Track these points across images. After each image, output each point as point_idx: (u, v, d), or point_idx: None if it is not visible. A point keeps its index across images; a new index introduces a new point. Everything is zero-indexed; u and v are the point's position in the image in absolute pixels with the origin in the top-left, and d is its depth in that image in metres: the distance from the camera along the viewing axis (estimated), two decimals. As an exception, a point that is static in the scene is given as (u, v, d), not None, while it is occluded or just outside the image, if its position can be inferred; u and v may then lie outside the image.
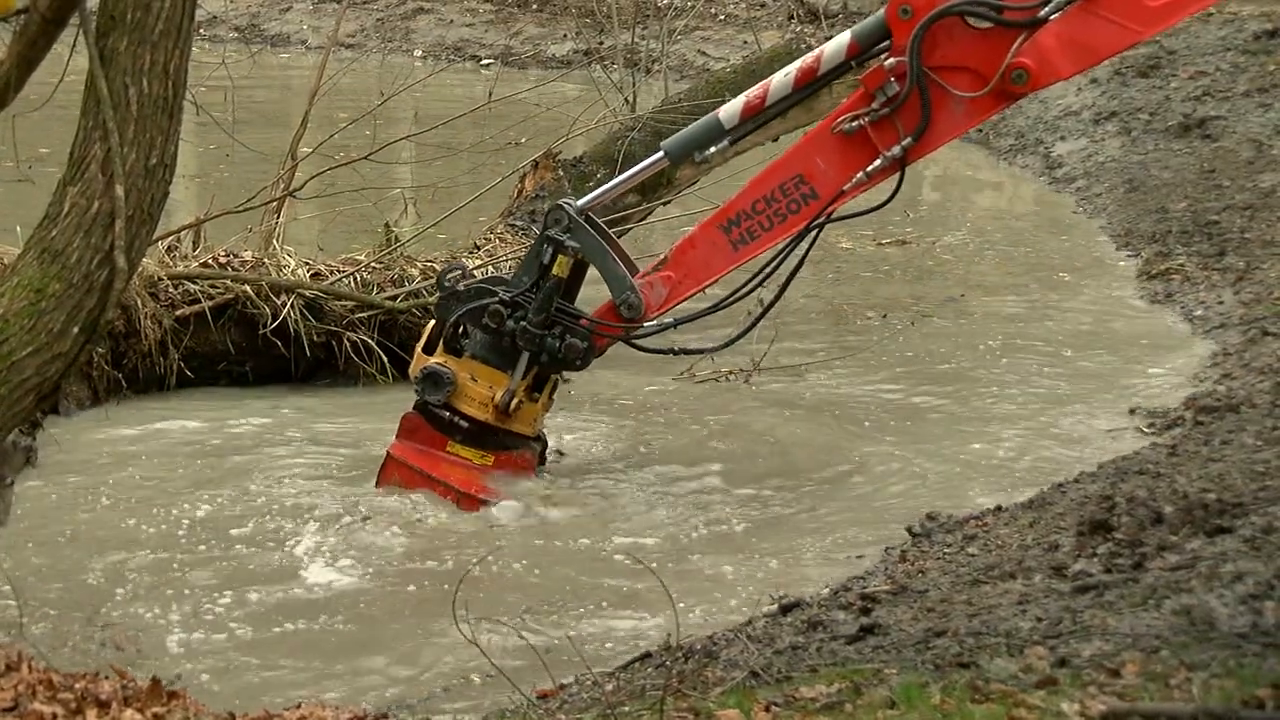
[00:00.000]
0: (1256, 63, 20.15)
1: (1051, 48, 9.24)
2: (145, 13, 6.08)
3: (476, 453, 10.14)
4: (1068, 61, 9.36)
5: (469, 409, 10.11)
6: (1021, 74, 9.22)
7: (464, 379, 10.11)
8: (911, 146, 9.51)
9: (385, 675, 7.83)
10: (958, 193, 19.87)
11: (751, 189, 9.85)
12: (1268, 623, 5.98)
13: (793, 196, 9.75)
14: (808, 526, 9.75)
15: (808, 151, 9.80)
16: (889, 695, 5.63)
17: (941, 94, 9.43)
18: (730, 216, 9.90)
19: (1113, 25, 9.18)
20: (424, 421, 10.22)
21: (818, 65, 9.71)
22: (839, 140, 9.62)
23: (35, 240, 6.12)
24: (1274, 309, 12.76)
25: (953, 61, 9.38)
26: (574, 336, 9.98)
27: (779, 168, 9.86)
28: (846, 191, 9.69)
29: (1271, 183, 16.02)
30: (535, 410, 10.26)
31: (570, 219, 10.03)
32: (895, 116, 9.46)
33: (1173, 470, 9.16)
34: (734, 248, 9.91)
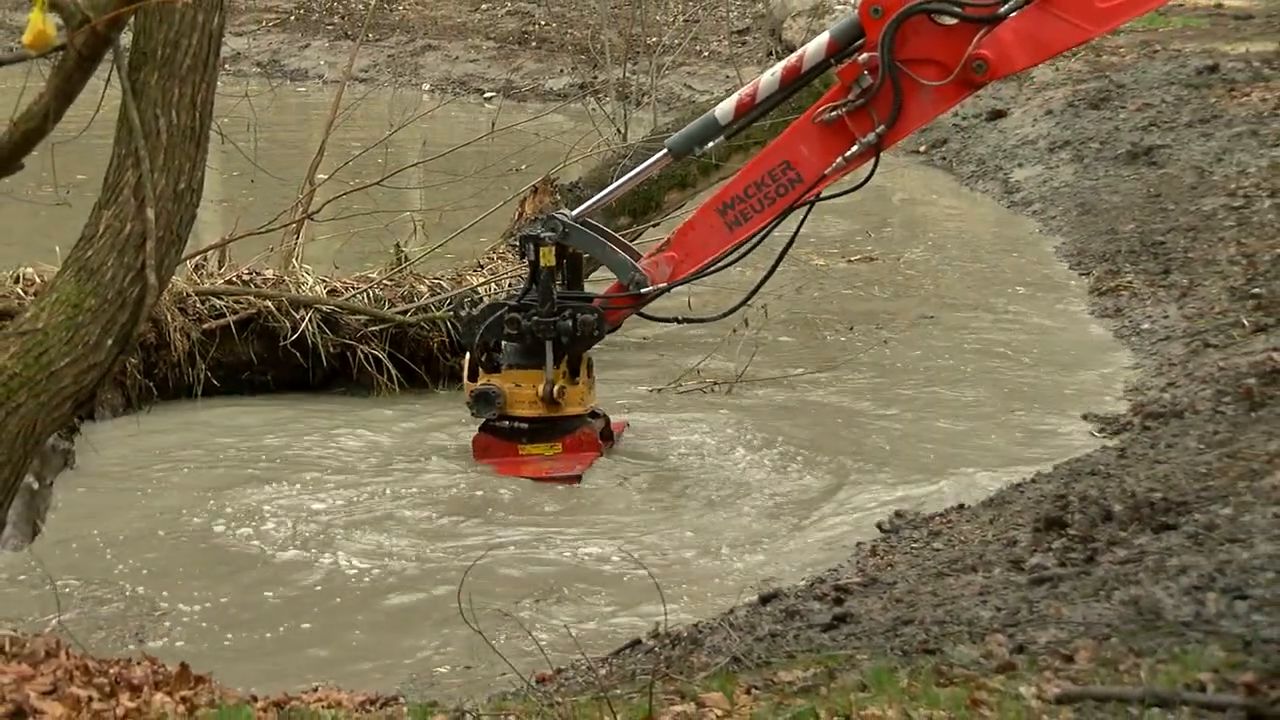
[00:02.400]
0: (1198, 96, 20.16)
1: (1009, 42, 9.41)
2: (174, 49, 6.07)
3: (545, 446, 10.50)
4: (1023, 55, 9.57)
5: (523, 411, 10.44)
6: (981, 65, 9.43)
7: (509, 389, 10.43)
8: (885, 133, 9.78)
9: (396, 662, 7.83)
10: (923, 214, 19.87)
11: (743, 176, 10.15)
12: (1209, 612, 5.97)
13: (780, 181, 10.00)
14: (785, 523, 9.75)
15: (792, 140, 10.02)
16: (860, 679, 5.63)
17: (911, 84, 9.65)
18: (725, 201, 10.18)
19: (1065, 23, 9.33)
20: (491, 438, 10.55)
21: (800, 64, 9.99)
22: (820, 129, 9.84)
23: (73, 259, 6.10)
24: (1215, 323, 12.76)
25: (920, 55, 9.59)
26: (583, 314, 10.29)
27: (767, 156, 10.13)
28: (828, 175, 9.97)
29: (1212, 206, 16.01)
30: (580, 390, 10.55)
31: (563, 224, 10.32)
32: (870, 106, 9.72)
33: (1122, 471, 9.16)
34: (729, 229, 10.18)
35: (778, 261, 10.70)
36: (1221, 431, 9.64)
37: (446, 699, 6.84)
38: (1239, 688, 5.10)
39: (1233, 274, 13.79)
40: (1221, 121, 18.87)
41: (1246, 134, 18.14)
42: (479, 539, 9.34)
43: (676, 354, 11.77)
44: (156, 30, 6.08)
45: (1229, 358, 11.65)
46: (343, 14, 32.34)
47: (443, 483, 10.26)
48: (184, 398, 11.64)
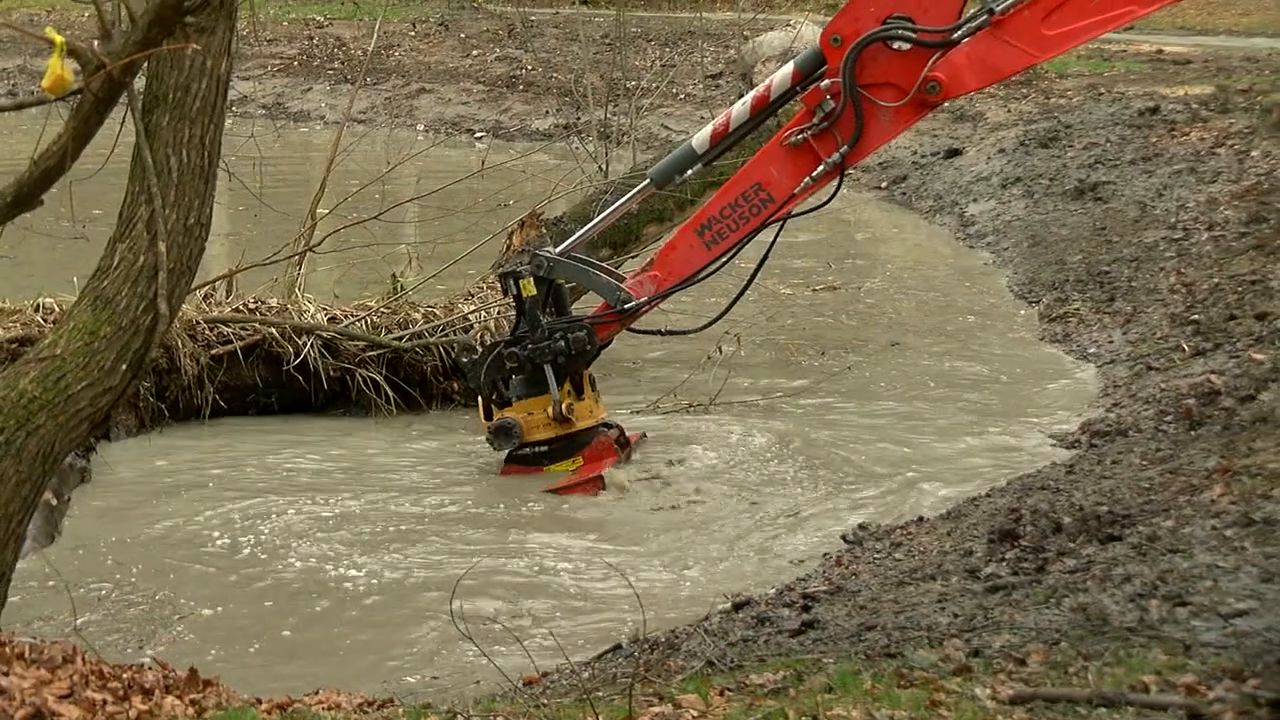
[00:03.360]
0: (1140, 135, 20.22)
1: (962, 65, 9.51)
2: (184, 93, 6.07)
3: (567, 463, 10.61)
4: (974, 77, 9.67)
5: (540, 435, 10.57)
6: (935, 86, 9.56)
7: (523, 418, 10.56)
8: (849, 152, 9.91)
9: (392, 666, 7.81)
10: (883, 247, 19.89)
11: (719, 198, 10.25)
12: (1152, 618, 5.98)
13: (753, 201, 10.13)
14: (758, 535, 9.74)
15: (763, 163, 10.14)
16: (827, 681, 5.63)
17: (871, 107, 9.77)
18: (703, 222, 10.31)
19: (1014, 48, 9.42)
20: (518, 467, 10.65)
21: (769, 93, 10.12)
22: (788, 151, 9.98)
23: (89, 289, 6.09)
24: (1156, 347, 12.78)
25: (879, 79, 9.72)
26: (574, 333, 10.42)
27: (740, 179, 10.24)
28: (797, 194, 10.10)
29: (1154, 238, 16.05)
30: (588, 405, 10.67)
31: (547, 259, 10.49)
32: (833, 128, 9.85)
33: (1070, 486, 9.17)
34: (707, 248, 10.31)
35: (751, 278, 10.87)
36: (1163, 449, 9.65)
37: (439, 701, 6.83)
38: (1180, 689, 5.11)
39: (1173, 302, 13.82)
40: (1162, 159, 18.93)
41: (1185, 171, 18.20)
42: (471, 550, 9.33)
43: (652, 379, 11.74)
44: (168, 75, 6.08)
45: (1170, 380, 11.67)
46: (342, 60, 32.34)
47: (437, 498, 10.24)
48: (194, 419, 11.63)
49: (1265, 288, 13.21)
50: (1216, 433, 9.67)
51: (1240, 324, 12.47)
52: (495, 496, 10.32)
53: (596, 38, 27.54)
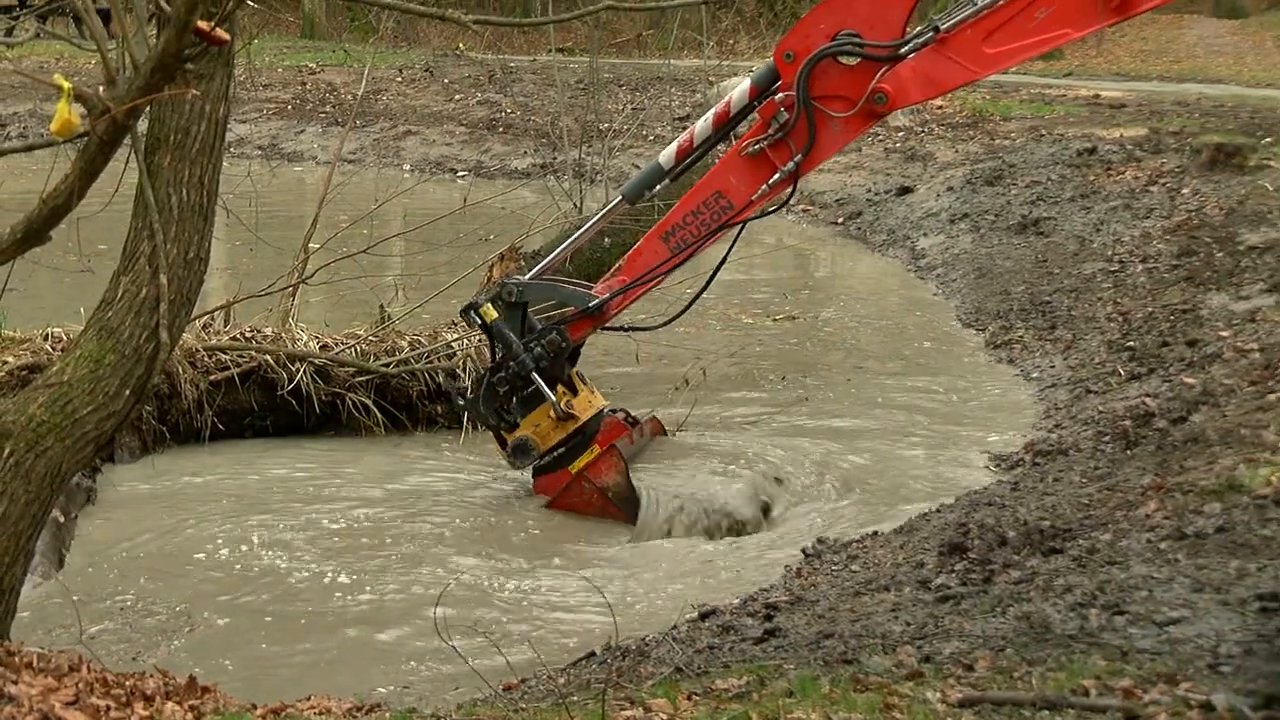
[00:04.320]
0: (1079, 174, 20.28)
1: (907, 78, 9.56)
2: (184, 135, 6.07)
3: (587, 455, 10.45)
4: (918, 90, 9.73)
5: (553, 440, 10.50)
6: (882, 97, 9.60)
7: (533, 432, 10.46)
8: (802, 161, 9.92)
9: (378, 673, 7.79)
10: (840, 278, 19.92)
11: (681, 206, 10.26)
12: (1092, 626, 5.99)
13: (714, 208, 10.15)
14: (723, 548, 9.74)
15: (722, 172, 10.17)
16: (788, 686, 5.62)
17: (823, 117, 9.78)
18: (667, 229, 10.30)
19: (956, 65, 9.47)
20: (546, 476, 10.60)
21: (729, 109, 10.21)
22: (745, 161, 10.00)
23: (94, 320, 6.08)
24: (1095, 372, 12.81)
25: (829, 91, 9.74)
26: (546, 337, 10.40)
27: (701, 188, 10.25)
28: (755, 201, 10.11)
29: (1092, 270, 16.10)
30: (584, 397, 10.63)
31: (516, 285, 10.51)
32: (788, 138, 9.86)
33: (1015, 502, 9.18)
34: (671, 253, 10.27)
35: (710, 280, 10.92)
36: (1101, 467, 9.67)
37: (424, 705, 6.82)
38: (1117, 692, 5.11)
39: (1110, 329, 13.86)
40: (1099, 197, 18.98)
41: (1121, 207, 18.25)
42: (455, 563, 9.32)
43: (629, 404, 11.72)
44: (169, 118, 6.08)
45: (1107, 402, 11.70)
46: (334, 104, 32.29)
47: (423, 513, 10.22)
48: (193, 441, 11.58)
49: (1195, 316, 13.25)
50: (1151, 452, 9.69)
51: (1172, 350, 12.51)
52: (478, 512, 10.31)
53: (571, 83, 27.52)
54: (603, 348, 11.30)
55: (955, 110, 27.01)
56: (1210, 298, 13.70)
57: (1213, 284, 14.10)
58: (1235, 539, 7.04)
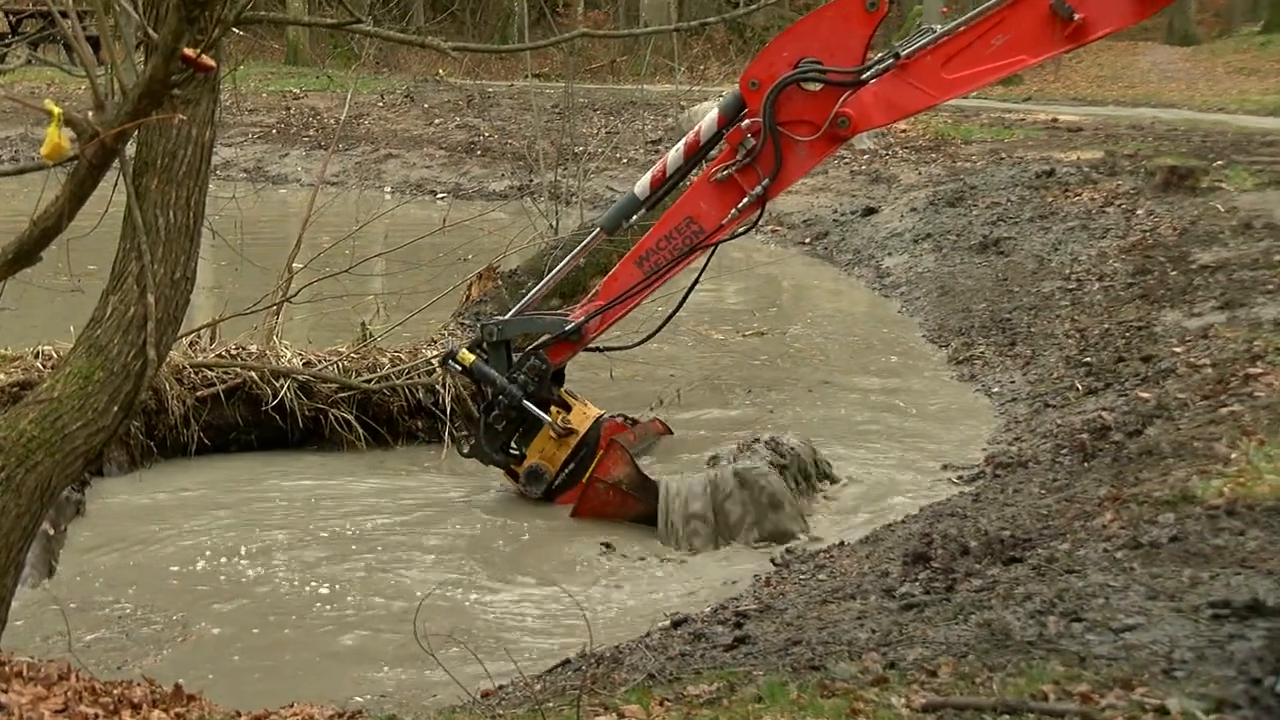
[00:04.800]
0: (1038, 196, 20.34)
1: (869, 103, 9.63)
2: (172, 159, 6.05)
3: (596, 457, 10.45)
4: (880, 114, 9.81)
5: (560, 458, 10.54)
6: (845, 120, 9.68)
7: (540, 458, 10.53)
8: (770, 185, 9.99)
9: (359, 682, 7.77)
10: (807, 296, 19.93)
11: (655, 231, 10.32)
12: (1050, 633, 5.99)
13: (686, 233, 10.23)
14: (695, 558, 9.74)
15: (693, 198, 10.24)
16: (757, 692, 5.62)
17: (788, 142, 9.85)
18: (641, 253, 10.38)
19: (916, 89, 9.53)
20: (567, 496, 10.59)
21: (699, 138, 10.27)
22: (715, 187, 10.09)
23: (84, 338, 6.06)
24: (1053, 387, 12.84)
25: (794, 117, 9.82)
26: (528, 363, 10.47)
27: (673, 214, 10.32)
28: (725, 225, 10.19)
29: (1050, 288, 16.14)
30: (579, 410, 10.67)
31: (495, 326, 10.62)
32: (755, 163, 9.93)
33: (976, 513, 9.19)
34: (646, 277, 10.35)
35: (683, 300, 10.94)
36: (1059, 479, 9.69)
37: (403, 712, 6.81)
38: (1075, 697, 5.12)
39: (1068, 345, 13.89)
40: (1057, 217, 19.04)
41: (1078, 228, 18.31)
42: (434, 573, 9.31)
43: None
44: (157, 142, 6.06)
45: (1065, 416, 11.72)
46: (317, 128, 32.27)
47: (404, 526, 10.22)
48: (180, 455, 11.55)
49: (1150, 333, 13.29)
50: (1107, 464, 9.71)
51: (1128, 365, 12.54)
52: (458, 524, 10.30)
53: (547, 108, 27.53)
54: (578, 364, 11.28)
55: (918, 134, 27.09)
56: (1164, 315, 13.74)
57: (1167, 302, 14.15)
58: (1188, 548, 7.06)
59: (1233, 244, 15.83)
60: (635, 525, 10.23)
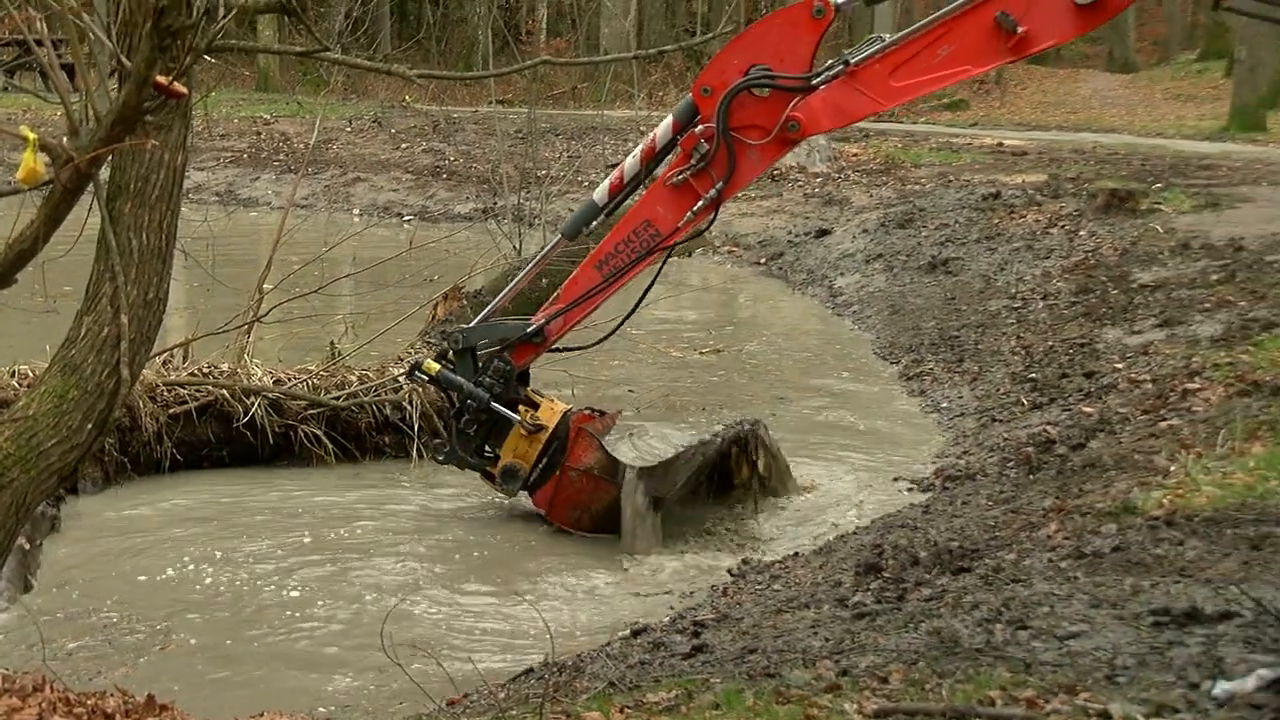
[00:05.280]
0: (984, 217, 20.44)
1: (818, 108, 9.60)
2: (145, 183, 6.02)
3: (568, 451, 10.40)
4: (829, 119, 9.80)
5: (533, 454, 10.41)
6: (795, 124, 9.64)
7: (514, 456, 10.40)
8: (724, 188, 9.94)
9: (328, 690, 7.74)
10: (763, 315, 19.96)
11: (613, 235, 10.28)
12: (997, 640, 6.01)
13: (643, 236, 10.16)
14: (654, 566, 9.74)
15: (650, 202, 10.17)
16: (714, 699, 5.61)
17: (741, 146, 9.80)
18: (600, 257, 10.31)
19: (864, 96, 9.53)
20: (541, 490, 10.51)
21: (654, 144, 10.21)
22: (670, 191, 10.01)
23: (58, 357, 6.03)
24: (1000, 402, 12.89)
25: (746, 122, 9.76)
26: (492, 367, 10.41)
27: (630, 218, 10.25)
28: (680, 228, 10.11)
29: (997, 307, 16.21)
30: (546, 406, 10.56)
31: (460, 333, 10.57)
32: (709, 168, 9.86)
33: (926, 524, 9.22)
34: (605, 279, 10.28)
35: (638, 303, 10.82)
36: (1006, 491, 9.72)
37: None
38: (1021, 703, 5.13)
39: (1014, 362, 13.95)
40: (1003, 238, 19.13)
41: (1023, 248, 18.41)
42: (401, 583, 9.28)
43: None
44: (130, 167, 6.03)
45: (1011, 430, 11.77)
46: (287, 152, 32.20)
47: (370, 538, 10.18)
48: (153, 471, 11.48)
49: (1092, 350, 13.36)
50: (1052, 477, 9.75)
51: (1071, 381, 12.60)
52: (425, 537, 10.27)
53: (511, 133, 27.52)
54: (539, 381, 11.27)
55: (870, 157, 27.21)
56: (1106, 332, 13.82)
57: (1108, 319, 14.22)
58: (1130, 558, 7.09)
59: (1171, 264, 15.94)
60: (598, 538, 10.23)
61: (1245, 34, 32.45)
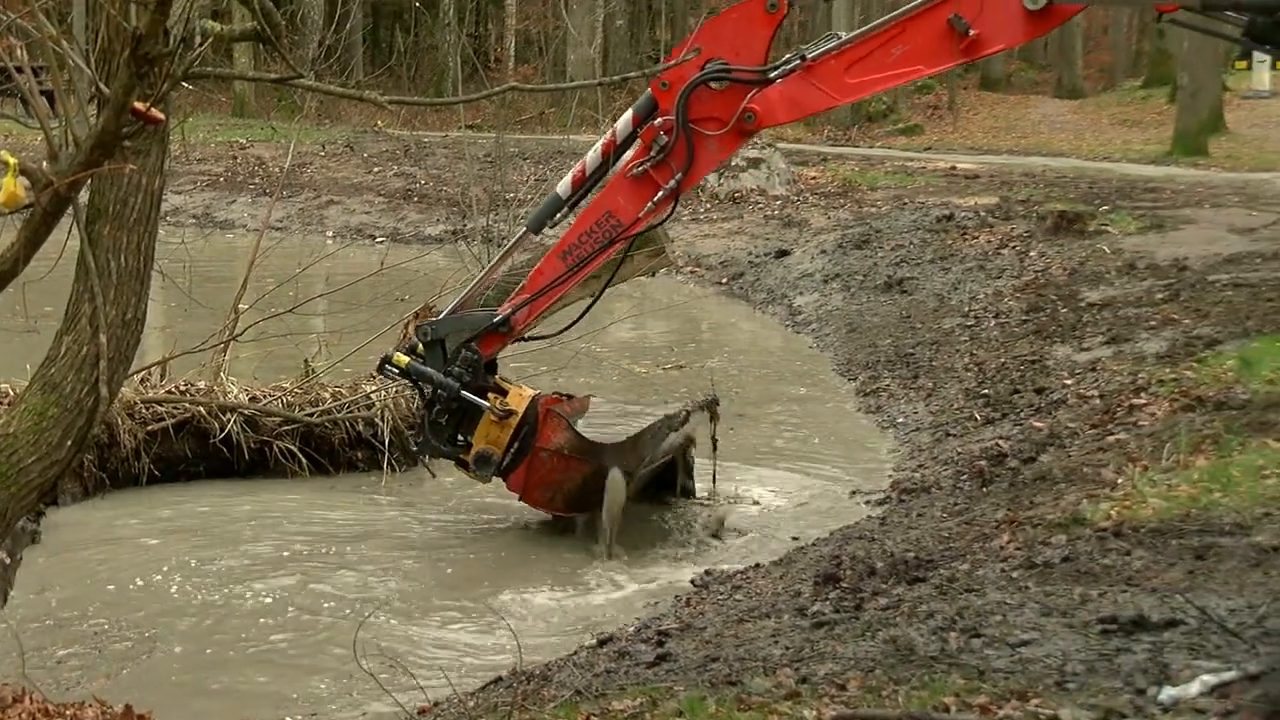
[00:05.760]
0: (938, 239, 20.51)
1: (775, 100, 9.61)
2: (123, 206, 6.01)
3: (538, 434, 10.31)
4: (784, 112, 9.82)
5: (504, 439, 10.28)
6: (751, 115, 9.65)
7: (486, 442, 10.26)
8: (683, 178, 9.91)
9: (300, 699, 7.71)
10: (724, 333, 19.98)
11: (576, 226, 10.23)
12: (952, 648, 6.01)
13: (605, 227, 10.11)
14: (619, 577, 9.73)
15: (611, 194, 10.13)
16: (678, 706, 5.61)
17: (699, 138, 9.78)
18: (564, 248, 10.24)
19: (819, 91, 9.53)
20: (515, 473, 10.38)
21: (615, 138, 10.10)
22: (631, 182, 9.98)
23: (38, 376, 6.00)
24: (954, 417, 12.92)
25: (704, 114, 9.74)
26: (459, 357, 10.30)
27: (592, 210, 10.20)
28: (641, 218, 10.05)
29: (950, 325, 16.27)
30: (514, 392, 10.44)
31: (430, 326, 10.46)
32: (669, 159, 9.82)
33: (883, 536, 9.23)
34: (569, 269, 10.22)
35: (601, 291, 10.81)
36: (960, 503, 9.74)
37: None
38: (975, 708, 5.14)
39: (967, 378, 13.99)
40: (957, 259, 19.20)
41: (975, 268, 18.48)
42: (373, 595, 9.25)
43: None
44: (108, 191, 6.02)
45: (965, 444, 11.80)
46: (262, 176, 32.14)
47: (343, 550, 10.16)
48: (132, 486, 11.44)
49: (1043, 366, 13.41)
50: (1004, 489, 9.77)
51: (1023, 397, 12.65)
52: (396, 549, 10.24)
53: (480, 156, 27.51)
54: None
55: (827, 181, 27.29)
56: (1056, 349, 13.87)
57: (1058, 337, 14.28)
58: (1079, 568, 7.11)
59: (1118, 283, 16.02)
60: (569, 549, 10.22)
61: (1187, 61, 32.66)
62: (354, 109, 39.45)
